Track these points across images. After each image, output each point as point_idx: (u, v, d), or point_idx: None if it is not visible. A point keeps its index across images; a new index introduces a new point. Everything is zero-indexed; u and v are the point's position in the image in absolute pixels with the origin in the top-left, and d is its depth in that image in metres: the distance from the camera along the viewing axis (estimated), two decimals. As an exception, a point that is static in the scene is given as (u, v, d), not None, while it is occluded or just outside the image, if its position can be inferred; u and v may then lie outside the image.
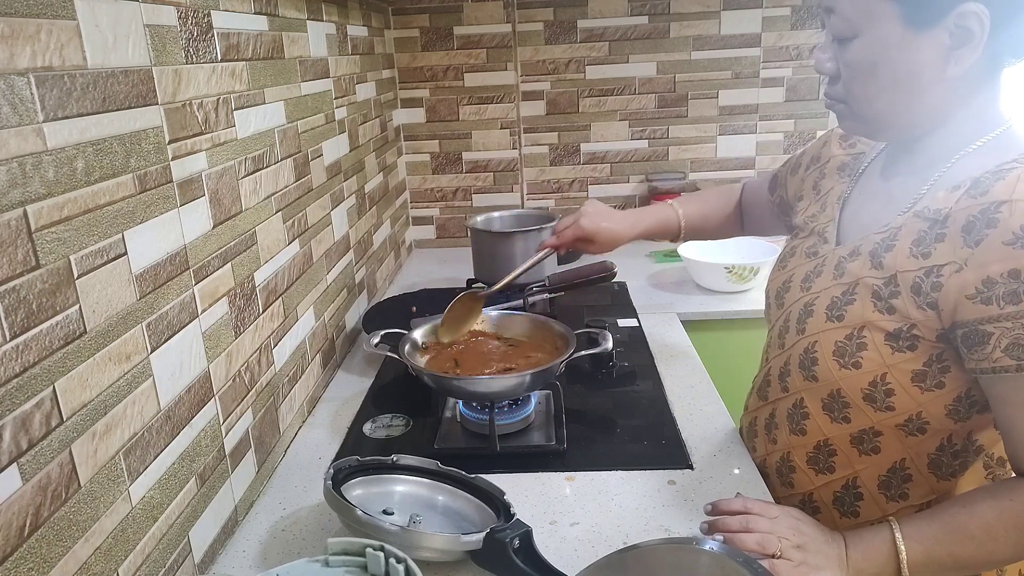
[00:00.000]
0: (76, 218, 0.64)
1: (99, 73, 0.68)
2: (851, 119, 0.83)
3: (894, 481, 0.84)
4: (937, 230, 0.75)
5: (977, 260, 0.71)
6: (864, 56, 0.77)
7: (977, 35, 0.71)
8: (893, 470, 0.84)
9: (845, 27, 0.77)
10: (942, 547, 0.75)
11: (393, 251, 2.00)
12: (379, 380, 1.35)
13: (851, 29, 0.77)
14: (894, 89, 0.77)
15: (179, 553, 0.80)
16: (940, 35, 0.73)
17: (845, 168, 0.96)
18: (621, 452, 1.07)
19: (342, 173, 1.48)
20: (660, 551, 0.77)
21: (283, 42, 1.17)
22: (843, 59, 0.79)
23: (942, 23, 0.72)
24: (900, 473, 0.84)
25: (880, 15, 0.74)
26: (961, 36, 0.72)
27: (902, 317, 0.77)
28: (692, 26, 2.08)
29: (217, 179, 0.91)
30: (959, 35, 0.72)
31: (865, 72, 0.78)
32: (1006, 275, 0.68)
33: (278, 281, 1.11)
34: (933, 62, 0.74)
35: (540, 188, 2.24)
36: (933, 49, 0.74)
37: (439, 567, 0.82)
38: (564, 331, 1.15)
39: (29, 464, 0.58)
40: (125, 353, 0.71)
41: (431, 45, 2.11)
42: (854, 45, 0.77)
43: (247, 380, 0.99)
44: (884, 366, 0.79)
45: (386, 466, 0.95)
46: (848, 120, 0.84)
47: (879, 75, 0.77)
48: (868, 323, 0.80)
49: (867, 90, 0.79)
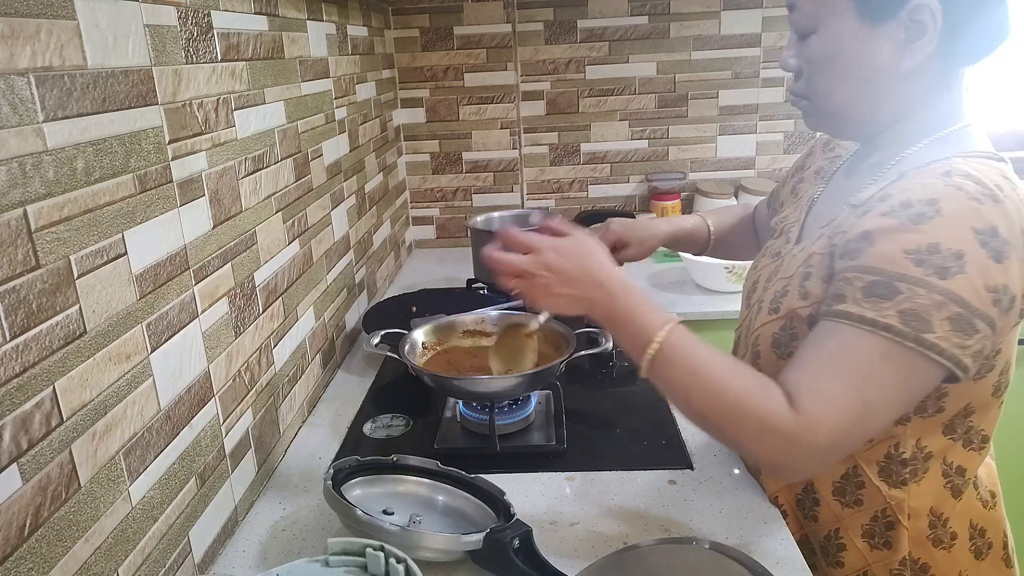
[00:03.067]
0: (76, 218, 0.64)
1: (99, 73, 0.68)
2: (814, 116, 0.85)
3: (848, 487, 0.84)
4: (855, 215, 0.76)
5: (858, 223, 0.73)
6: (823, 50, 0.78)
7: (930, 29, 0.73)
8: (846, 476, 0.84)
9: (805, 22, 0.79)
10: (685, 362, 0.74)
11: (393, 251, 2.00)
12: (379, 380, 1.35)
13: (810, 24, 0.78)
14: (852, 83, 0.78)
15: (179, 553, 0.80)
16: (895, 29, 0.74)
17: (821, 172, 0.97)
18: (621, 452, 1.07)
19: (342, 173, 1.48)
20: (660, 551, 0.77)
21: (283, 42, 1.17)
22: (804, 54, 0.81)
23: (896, 17, 0.73)
24: (853, 480, 0.84)
25: (836, 9, 0.76)
26: (915, 30, 0.73)
27: (814, 299, 0.78)
28: (692, 26, 2.08)
29: (217, 179, 0.91)
30: (913, 29, 0.73)
31: (824, 66, 0.79)
32: (860, 234, 0.72)
33: (278, 281, 1.11)
34: (889, 56, 0.75)
35: (540, 188, 2.24)
36: (888, 43, 0.75)
37: (439, 567, 0.82)
38: (564, 331, 1.15)
39: (29, 464, 0.58)
40: (125, 353, 0.71)
41: (431, 45, 2.11)
42: (813, 40, 0.79)
43: (247, 380, 0.99)
44: None
45: (386, 466, 0.95)
46: (811, 117, 0.85)
47: (837, 69, 0.78)
48: (793, 312, 0.81)
49: (826, 84, 0.80)
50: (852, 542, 0.85)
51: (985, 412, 0.81)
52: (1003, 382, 0.80)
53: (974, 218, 0.68)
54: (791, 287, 0.82)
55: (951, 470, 0.83)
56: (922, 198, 0.69)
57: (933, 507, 0.83)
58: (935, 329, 0.67)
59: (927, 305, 0.67)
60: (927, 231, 0.68)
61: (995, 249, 0.67)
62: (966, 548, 0.84)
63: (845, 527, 0.85)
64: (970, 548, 0.84)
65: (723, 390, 0.73)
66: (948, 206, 0.68)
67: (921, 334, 0.67)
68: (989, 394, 0.80)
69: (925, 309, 0.67)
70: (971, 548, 0.84)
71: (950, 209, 0.68)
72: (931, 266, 0.67)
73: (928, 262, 0.67)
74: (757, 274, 0.95)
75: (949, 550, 0.83)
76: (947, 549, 0.83)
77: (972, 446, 0.83)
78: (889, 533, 0.83)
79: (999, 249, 0.67)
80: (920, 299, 0.67)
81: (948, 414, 0.79)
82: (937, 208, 0.68)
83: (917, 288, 0.67)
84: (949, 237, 0.67)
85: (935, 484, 0.82)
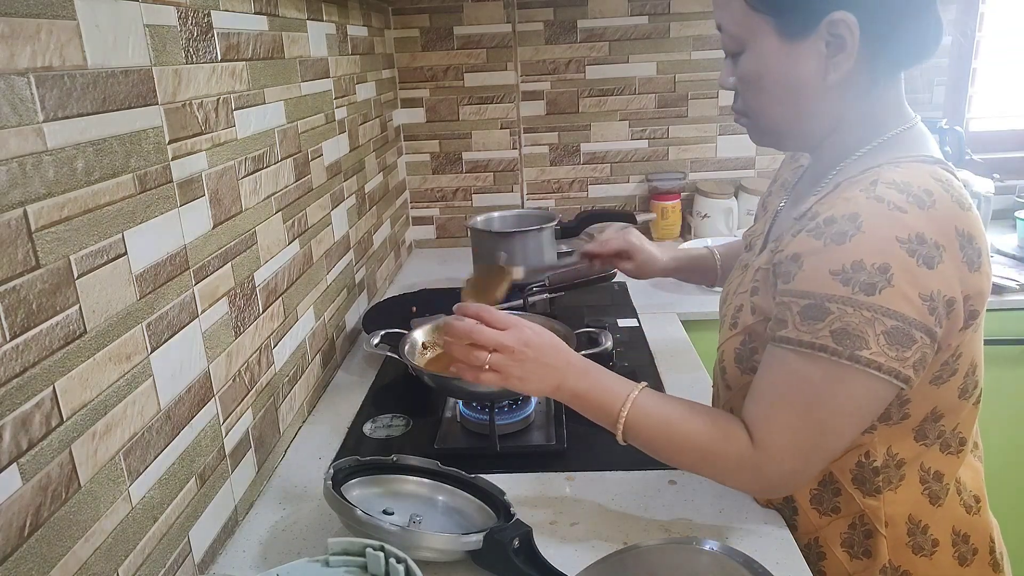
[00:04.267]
0: (76, 218, 0.64)
1: (99, 73, 0.68)
2: (755, 131, 0.86)
3: (824, 496, 0.84)
4: (794, 228, 0.77)
5: (791, 244, 0.75)
6: (751, 69, 0.80)
7: (849, 42, 0.73)
8: (823, 484, 0.84)
9: (732, 43, 0.81)
10: (652, 428, 0.81)
11: (393, 251, 2.00)
12: (379, 380, 1.35)
13: (737, 45, 0.80)
14: (782, 100, 0.80)
15: (179, 553, 0.80)
16: (816, 45, 0.75)
17: (786, 184, 0.98)
18: (621, 452, 1.06)
19: (342, 173, 1.48)
20: (660, 551, 0.77)
21: (283, 42, 1.17)
22: (737, 74, 0.82)
23: (815, 33, 0.74)
24: (830, 487, 0.84)
25: (758, 30, 0.77)
26: (836, 44, 0.74)
27: (762, 312, 0.80)
28: (692, 26, 2.08)
29: (217, 179, 0.91)
30: (834, 43, 0.74)
31: (754, 85, 0.81)
32: (790, 257, 0.74)
33: (278, 281, 1.11)
34: (814, 71, 0.76)
35: (540, 188, 2.24)
36: (812, 59, 0.76)
37: (439, 567, 0.82)
38: (564, 331, 1.14)
39: (29, 464, 0.58)
40: (125, 353, 0.71)
41: (431, 45, 2.11)
42: (742, 60, 0.80)
43: (247, 380, 0.99)
44: None
45: (386, 466, 0.95)
46: (754, 132, 0.87)
47: (766, 87, 0.80)
48: (749, 328, 0.82)
49: (759, 102, 0.82)
50: (832, 551, 0.84)
51: (955, 415, 0.81)
52: (969, 384, 0.79)
53: (897, 228, 0.68)
54: (744, 302, 0.84)
55: (928, 476, 0.82)
56: (844, 213, 0.70)
57: (911, 514, 0.82)
58: (870, 345, 0.68)
59: (858, 323, 0.68)
60: (849, 249, 0.69)
61: (925, 256, 0.68)
62: (949, 555, 0.83)
63: (824, 536, 0.85)
64: (954, 555, 0.83)
65: (689, 442, 0.79)
66: (869, 221, 0.69)
67: (856, 351, 0.69)
68: (956, 397, 0.79)
69: (856, 327, 0.68)
70: (955, 555, 0.83)
71: (871, 223, 0.69)
72: (857, 284, 0.68)
73: (854, 280, 0.68)
74: (728, 287, 0.96)
75: (931, 557, 0.82)
76: (928, 556, 0.82)
77: (950, 450, 0.82)
78: (868, 542, 0.82)
79: (929, 255, 0.68)
80: (849, 317, 0.69)
81: (915, 419, 0.79)
82: (858, 224, 0.69)
83: (846, 307, 0.69)
84: (872, 251, 0.68)
85: (912, 491, 0.82)
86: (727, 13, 0.79)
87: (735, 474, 0.79)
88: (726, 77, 0.84)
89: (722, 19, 0.80)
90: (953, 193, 0.72)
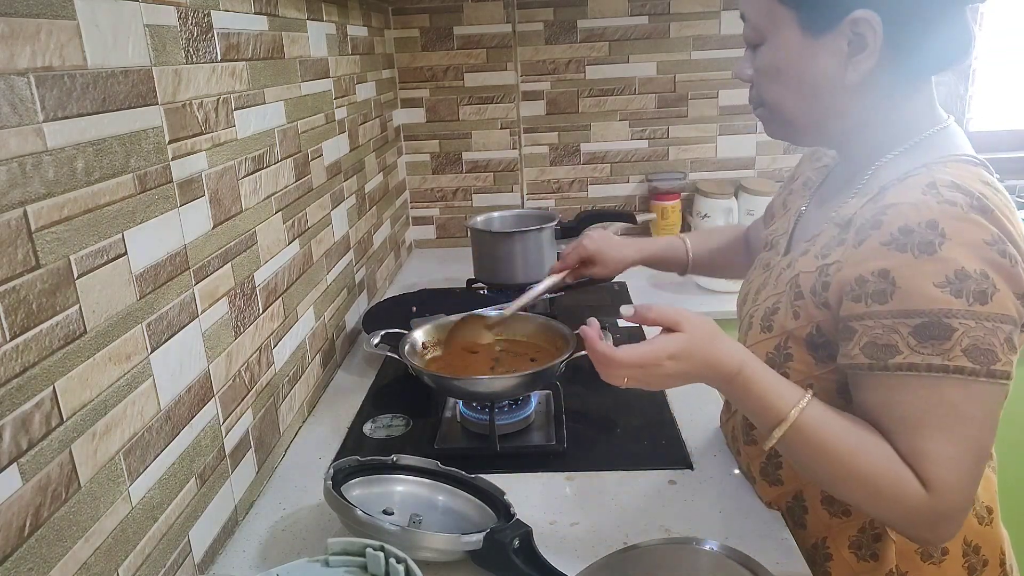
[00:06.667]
0: (76, 218, 0.64)
1: (99, 73, 0.68)
2: (772, 123, 0.85)
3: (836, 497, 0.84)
4: (841, 235, 0.76)
5: (856, 258, 0.72)
6: (770, 61, 0.79)
7: (871, 43, 0.73)
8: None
9: (754, 34, 0.81)
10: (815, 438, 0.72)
11: (393, 251, 2.00)
12: (379, 380, 1.35)
13: (759, 35, 0.80)
14: (798, 94, 0.79)
15: (179, 553, 0.80)
16: (838, 42, 0.74)
17: (808, 183, 0.98)
18: (621, 452, 1.07)
19: (342, 173, 1.48)
20: (660, 551, 0.77)
21: (283, 42, 1.17)
22: (755, 65, 0.82)
23: (837, 29, 0.74)
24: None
25: (781, 21, 0.77)
26: (857, 43, 0.73)
27: (807, 319, 0.78)
28: (692, 26, 2.07)
29: (217, 179, 0.91)
30: (856, 42, 0.73)
31: (772, 77, 0.80)
32: (876, 274, 0.69)
33: (278, 281, 1.11)
34: (833, 69, 0.75)
35: (540, 188, 2.24)
36: (832, 56, 0.75)
37: (439, 567, 0.82)
38: (564, 331, 1.15)
39: (29, 464, 0.58)
40: (125, 353, 0.71)
41: (431, 45, 2.11)
42: (762, 51, 0.80)
43: (247, 380, 0.99)
44: (810, 376, 0.79)
45: (386, 466, 0.95)
46: (770, 124, 0.85)
47: (784, 80, 0.79)
48: (788, 333, 0.80)
49: (775, 95, 0.81)
50: (839, 552, 0.84)
51: None
52: None
53: (979, 230, 0.67)
54: (781, 305, 0.82)
55: None
56: (920, 221, 0.67)
57: None
58: (999, 356, 0.67)
59: (983, 335, 0.66)
60: (944, 258, 0.66)
61: (1011, 255, 0.67)
62: (959, 564, 0.82)
63: (833, 537, 0.85)
64: (963, 565, 0.82)
65: (853, 470, 0.71)
66: (950, 226, 0.67)
67: (991, 366, 0.67)
68: None
69: (984, 340, 0.66)
70: (964, 565, 0.83)
71: (953, 229, 0.67)
72: (969, 294, 0.66)
73: (964, 290, 0.66)
74: (749, 286, 0.95)
75: (939, 565, 0.82)
76: (937, 564, 0.82)
77: None
78: (876, 545, 0.82)
79: (1012, 255, 0.67)
80: (975, 331, 0.66)
81: None
82: (940, 231, 0.67)
83: (968, 321, 0.66)
84: (969, 257, 0.66)
85: None
86: (751, 3, 0.79)
87: (905, 516, 0.71)
88: (744, 68, 0.83)
89: (746, 8, 0.80)
90: (1002, 197, 0.71)
